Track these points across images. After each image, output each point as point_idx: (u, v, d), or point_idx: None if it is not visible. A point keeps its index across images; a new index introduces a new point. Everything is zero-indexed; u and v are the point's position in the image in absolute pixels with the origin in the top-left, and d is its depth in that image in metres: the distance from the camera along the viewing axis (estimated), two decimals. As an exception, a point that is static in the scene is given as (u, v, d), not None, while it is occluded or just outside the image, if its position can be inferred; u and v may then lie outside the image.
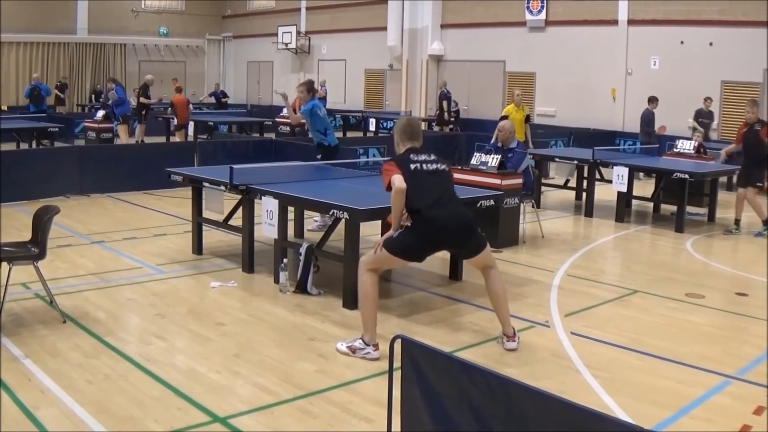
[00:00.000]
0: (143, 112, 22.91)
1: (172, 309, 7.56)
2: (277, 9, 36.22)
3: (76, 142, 20.96)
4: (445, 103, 25.60)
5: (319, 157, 11.54)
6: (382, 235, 6.98)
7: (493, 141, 11.57)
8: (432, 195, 6.47)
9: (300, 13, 34.84)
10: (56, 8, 33.32)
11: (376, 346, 6.39)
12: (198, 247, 9.84)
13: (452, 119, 26.04)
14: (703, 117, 19.35)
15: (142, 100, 22.84)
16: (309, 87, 11.60)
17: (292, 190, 8.44)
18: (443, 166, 6.74)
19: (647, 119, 18.72)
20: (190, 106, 22.43)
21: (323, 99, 29.73)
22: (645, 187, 14.66)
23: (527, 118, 16.21)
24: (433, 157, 6.72)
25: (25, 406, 5.17)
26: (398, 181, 6.38)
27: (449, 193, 6.68)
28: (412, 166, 6.52)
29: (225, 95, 31.43)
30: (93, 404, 5.25)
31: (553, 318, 7.56)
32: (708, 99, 19.72)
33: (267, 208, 8.36)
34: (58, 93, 28.93)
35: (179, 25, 37.79)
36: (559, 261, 9.98)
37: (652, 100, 18.81)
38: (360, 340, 6.43)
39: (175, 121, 21.27)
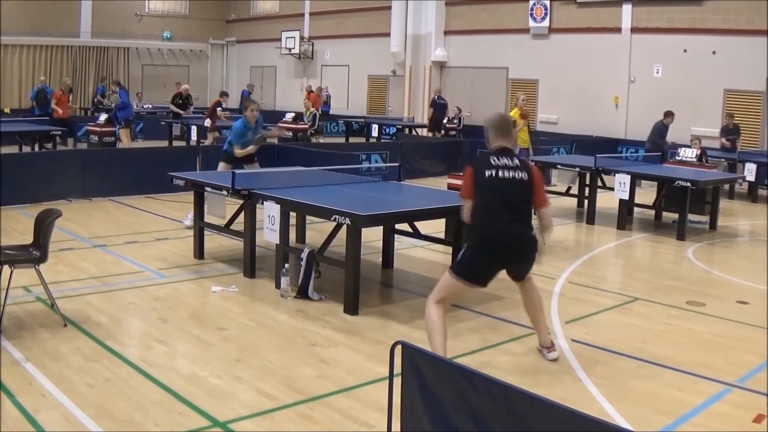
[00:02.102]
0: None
1: (173, 313, 7.57)
2: (281, 14, 36.27)
3: (79, 146, 20.96)
4: (431, 111, 25.54)
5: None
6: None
7: None
8: (494, 208, 6.18)
9: (304, 18, 34.87)
10: (60, 11, 33.38)
11: None
12: (200, 252, 9.85)
13: (456, 127, 26.05)
14: (729, 134, 19.34)
15: (173, 108, 23.33)
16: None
17: (294, 196, 8.46)
18: (522, 176, 6.22)
19: (659, 131, 18.64)
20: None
21: (326, 104, 29.72)
22: (647, 194, 14.65)
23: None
24: (516, 162, 6.27)
25: (26, 409, 5.18)
26: (466, 210, 6.36)
27: (513, 208, 6.21)
28: (488, 173, 6.18)
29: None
30: (94, 408, 5.26)
31: (554, 325, 7.55)
32: (730, 115, 19.72)
33: (269, 213, 8.37)
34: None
35: (183, 29, 37.84)
36: (560, 268, 9.97)
37: (668, 115, 18.68)
38: None
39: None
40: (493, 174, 6.18)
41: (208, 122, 20.69)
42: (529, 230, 6.31)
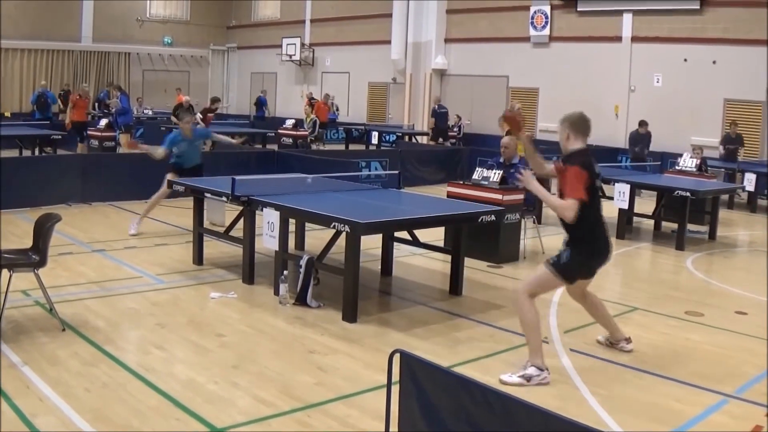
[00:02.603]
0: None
1: (171, 319, 7.56)
2: (282, 20, 36.34)
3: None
4: (432, 120, 25.58)
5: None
6: None
7: (502, 159, 11.54)
8: (600, 217, 6.53)
9: (304, 25, 34.95)
10: (61, 16, 33.44)
11: (548, 370, 6.33)
12: (199, 258, 9.85)
13: (456, 135, 26.08)
14: (729, 143, 19.34)
15: (174, 120, 23.49)
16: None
17: (294, 202, 8.45)
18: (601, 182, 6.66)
19: (634, 140, 19.03)
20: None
21: (334, 113, 29.60)
22: (646, 204, 14.66)
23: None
24: (599, 170, 6.64)
25: (23, 413, 5.17)
26: (572, 210, 6.24)
27: (602, 215, 6.65)
28: (596, 183, 6.48)
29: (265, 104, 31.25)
30: (91, 413, 5.25)
31: (552, 334, 7.55)
32: (734, 123, 19.74)
33: (268, 219, 8.37)
34: (61, 104, 28.75)
35: (184, 34, 37.91)
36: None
37: (642, 124, 19.24)
38: (533, 368, 6.26)
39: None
40: (597, 183, 6.52)
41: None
42: None
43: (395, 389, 4.12)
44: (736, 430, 5.44)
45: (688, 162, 15.93)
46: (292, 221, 9.13)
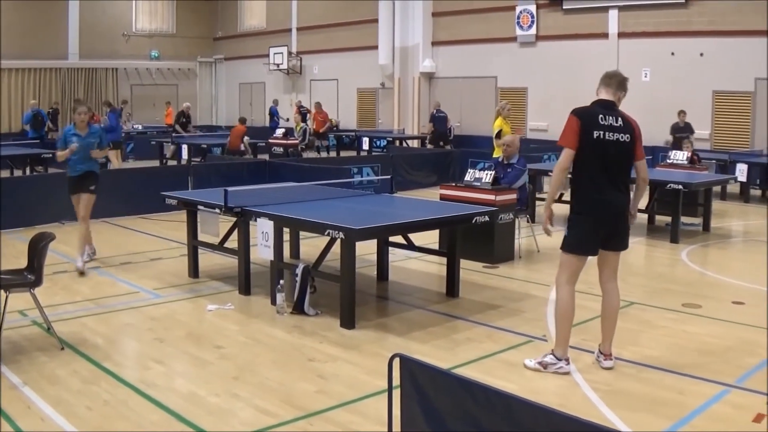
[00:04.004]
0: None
1: (170, 333, 7.55)
2: (268, 30, 36.32)
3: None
4: (431, 125, 25.62)
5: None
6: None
7: (502, 158, 11.55)
8: (599, 175, 6.29)
9: (291, 33, 34.95)
10: (48, 34, 33.39)
11: (567, 360, 6.39)
12: (194, 271, 9.83)
13: (451, 139, 26.17)
14: (678, 132, 19.37)
15: (177, 128, 23.95)
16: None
17: (287, 211, 8.45)
18: (625, 138, 6.35)
19: None
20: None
21: (330, 123, 29.55)
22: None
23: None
24: (620, 123, 6.37)
25: (25, 434, 5.16)
26: (564, 160, 6.35)
27: (615, 174, 6.36)
28: (596, 134, 6.21)
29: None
30: (93, 430, 5.23)
31: (550, 332, 7.54)
32: (682, 112, 19.79)
33: (262, 229, 8.36)
34: (50, 123, 28.71)
35: (170, 48, 37.88)
36: (555, 275, 9.95)
37: None
38: (551, 356, 6.37)
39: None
40: (601, 135, 6.24)
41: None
42: (627, 196, 6.54)
43: (396, 393, 4.12)
44: (738, 420, 5.45)
45: (679, 155, 15.94)
46: (286, 230, 9.13)
